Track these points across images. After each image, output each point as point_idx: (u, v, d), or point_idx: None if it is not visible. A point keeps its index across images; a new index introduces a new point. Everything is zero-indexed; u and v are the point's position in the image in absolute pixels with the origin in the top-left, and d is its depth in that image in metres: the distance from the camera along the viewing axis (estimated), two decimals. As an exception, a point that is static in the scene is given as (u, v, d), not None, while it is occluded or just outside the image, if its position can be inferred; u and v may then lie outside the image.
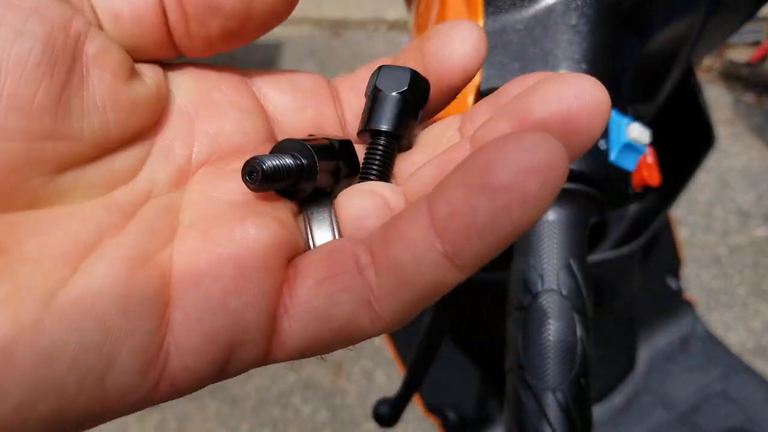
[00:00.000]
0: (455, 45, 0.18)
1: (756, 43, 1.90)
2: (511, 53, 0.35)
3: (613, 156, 0.32)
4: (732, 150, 1.64)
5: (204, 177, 0.17)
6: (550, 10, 0.34)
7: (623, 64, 0.35)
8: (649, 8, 0.35)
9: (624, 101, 0.34)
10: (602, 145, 0.31)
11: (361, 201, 0.17)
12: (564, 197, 0.32)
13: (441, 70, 0.18)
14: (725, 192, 1.53)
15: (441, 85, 0.19)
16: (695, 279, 1.34)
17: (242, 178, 0.15)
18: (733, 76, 1.86)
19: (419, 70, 0.18)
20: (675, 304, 0.68)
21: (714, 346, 0.66)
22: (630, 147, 0.32)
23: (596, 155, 0.31)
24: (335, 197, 0.18)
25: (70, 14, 0.15)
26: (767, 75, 1.80)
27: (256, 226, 0.15)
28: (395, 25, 2.20)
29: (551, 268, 0.31)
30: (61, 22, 0.14)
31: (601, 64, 0.33)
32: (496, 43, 0.35)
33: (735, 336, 1.24)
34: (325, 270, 0.15)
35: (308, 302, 0.15)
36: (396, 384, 0.53)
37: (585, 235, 0.32)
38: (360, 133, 0.19)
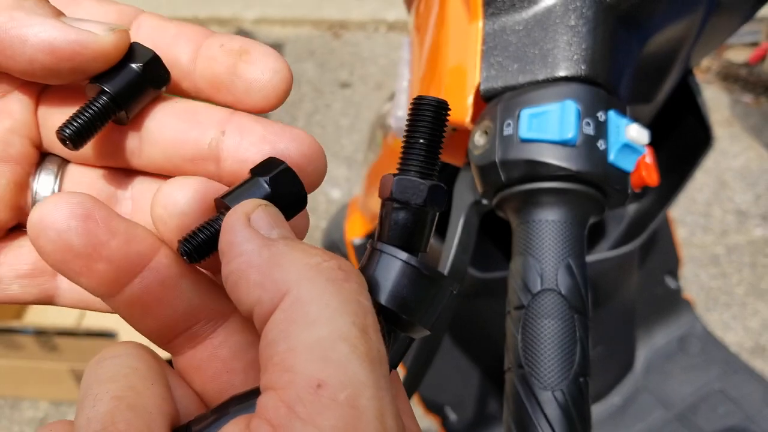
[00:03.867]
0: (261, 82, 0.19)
1: (754, 44, 1.90)
2: (510, 54, 0.35)
3: (611, 156, 0.32)
4: (730, 150, 1.64)
5: None
6: (549, 11, 0.34)
7: (622, 65, 0.35)
8: (648, 9, 0.35)
9: (623, 102, 0.34)
10: (601, 145, 0.31)
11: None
12: (563, 197, 0.32)
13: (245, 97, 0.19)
14: (723, 192, 1.54)
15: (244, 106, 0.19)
16: (694, 279, 1.35)
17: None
18: (732, 77, 1.86)
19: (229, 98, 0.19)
20: (674, 303, 0.68)
21: (712, 345, 0.66)
22: (629, 147, 0.32)
23: (595, 155, 0.31)
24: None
25: None
26: (765, 76, 1.81)
27: None
28: (395, 26, 2.20)
29: (550, 267, 0.31)
30: None
31: (599, 64, 0.33)
32: (496, 44, 0.35)
33: (733, 335, 1.24)
34: None
35: None
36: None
37: (584, 235, 0.32)
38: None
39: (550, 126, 0.31)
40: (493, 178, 0.33)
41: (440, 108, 0.18)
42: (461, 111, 0.36)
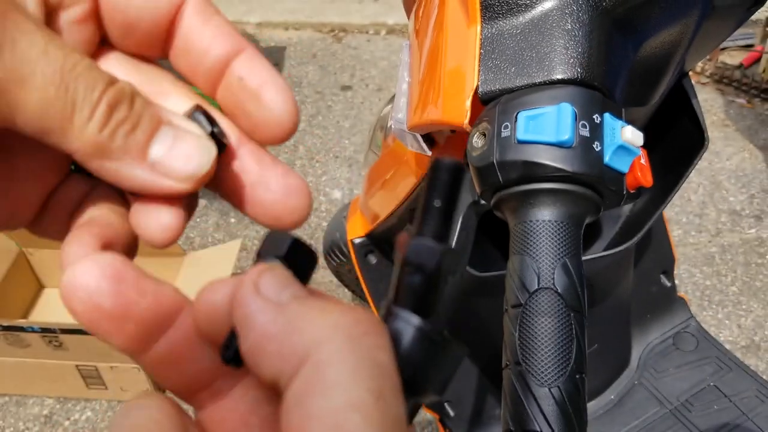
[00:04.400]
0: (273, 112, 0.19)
1: (748, 47, 1.91)
2: (507, 57, 0.35)
3: (607, 158, 0.32)
4: (724, 151, 1.66)
5: None
6: (545, 15, 0.35)
7: (617, 68, 0.36)
8: (644, 13, 0.36)
9: (618, 105, 0.35)
10: (597, 147, 0.32)
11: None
12: (560, 198, 0.32)
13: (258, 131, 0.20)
14: (718, 192, 1.55)
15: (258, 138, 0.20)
16: (688, 278, 1.36)
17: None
18: (726, 79, 1.87)
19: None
20: (668, 302, 0.69)
21: (707, 342, 0.67)
22: (624, 149, 0.33)
23: (591, 157, 0.32)
24: None
25: None
26: (759, 78, 1.82)
27: None
28: (395, 30, 2.21)
29: (547, 266, 0.31)
30: None
31: (595, 68, 0.34)
32: (493, 48, 0.36)
33: (728, 333, 1.25)
34: None
35: None
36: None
37: (580, 235, 0.33)
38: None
39: (546, 128, 0.32)
40: (491, 179, 0.33)
41: (457, 171, 0.18)
42: (460, 113, 0.37)
